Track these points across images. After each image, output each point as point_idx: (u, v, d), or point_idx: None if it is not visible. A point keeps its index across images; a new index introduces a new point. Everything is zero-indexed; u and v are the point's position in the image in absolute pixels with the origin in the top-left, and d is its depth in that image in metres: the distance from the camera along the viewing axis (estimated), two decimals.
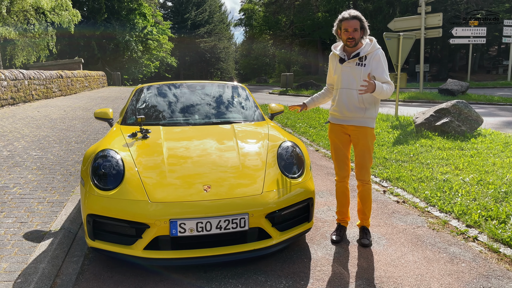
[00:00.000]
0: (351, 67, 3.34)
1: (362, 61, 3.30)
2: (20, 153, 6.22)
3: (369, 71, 3.26)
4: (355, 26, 3.22)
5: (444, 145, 6.78)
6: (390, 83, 3.28)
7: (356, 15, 3.24)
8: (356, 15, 3.25)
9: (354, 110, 3.36)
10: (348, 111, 3.39)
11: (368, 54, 3.30)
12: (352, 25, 3.22)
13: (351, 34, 3.24)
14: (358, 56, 3.30)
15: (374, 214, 4.21)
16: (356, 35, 3.25)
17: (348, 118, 3.42)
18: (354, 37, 3.25)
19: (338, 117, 3.50)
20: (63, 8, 21.55)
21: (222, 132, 3.87)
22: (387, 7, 35.02)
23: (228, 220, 2.84)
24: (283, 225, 3.13)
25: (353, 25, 3.22)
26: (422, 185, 4.90)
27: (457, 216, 4.02)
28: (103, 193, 2.97)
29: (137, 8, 40.23)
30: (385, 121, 9.45)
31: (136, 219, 2.81)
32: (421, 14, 15.86)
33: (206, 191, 2.95)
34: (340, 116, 3.47)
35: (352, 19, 3.23)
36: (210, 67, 67.16)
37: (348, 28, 3.23)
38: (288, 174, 3.28)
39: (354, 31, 3.23)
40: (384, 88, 3.22)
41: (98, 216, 2.92)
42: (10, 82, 11.98)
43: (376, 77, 3.28)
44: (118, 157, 3.21)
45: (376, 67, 3.28)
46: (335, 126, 3.55)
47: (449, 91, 16.11)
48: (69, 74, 17.78)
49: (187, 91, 4.66)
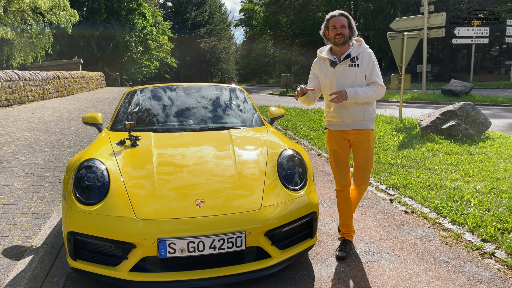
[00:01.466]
0: (344, 69, 3.19)
1: (355, 61, 3.17)
2: (8, 158, 5.94)
3: (363, 70, 3.16)
4: (343, 23, 3.12)
5: (452, 149, 6.50)
6: (378, 84, 3.16)
7: (343, 13, 3.17)
8: (343, 12, 3.17)
9: (354, 113, 3.22)
10: (348, 115, 3.23)
11: (359, 54, 3.18)
12: (340, 21, 3.12)
13: (339, 30, 3.11)
14: (350, 57, 3.17)
15: (382, 226, 3.93)
16: (345, 31, 3.14)
17: (349, 122, 3.26)
18: (343, 33, 3.13)
19: (337, 123, 3.31)
20: (61, 8, 21.27)
21: (218, 138, 3.59)
22: (388, 7, 34.74)
23: (223, 239, 2.56)
24: (284, 243, 2.85)
25: (341, 21, 3.12)
26: (431, 194, 4.62)
27: (471, 229, 3.74)
28: (86, 208, 2.69)
29: (137, 8, 39.97)
30: (389, 123, 9.16)
31: (121, 238, 2.53)
32: (424, 14, 15.58)
33: (199, 206, 2.67)
34: (340, 122, 3.29)
35: (340, 16, 3.14)
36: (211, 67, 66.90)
37: (336, 24, 3.12)
38: (289, 186, 3.00)
39: (342, 27, 3.13)
40: (361, 93, 3.09)
41: (79, 234, 2.64)
42: (4, 83, 11.70)
43: (366, 76, 3.17)
44: (103, 168, 2.93)
45: (367, 67, 3.17)
46: (335, 132, 3.35)
47: (453, 92, 15.83)
48: (66, 75, 17.51)
49: (182, 94, 4.38)
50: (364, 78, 3.16)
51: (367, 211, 4.32)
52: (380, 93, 3.17)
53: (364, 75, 3.16)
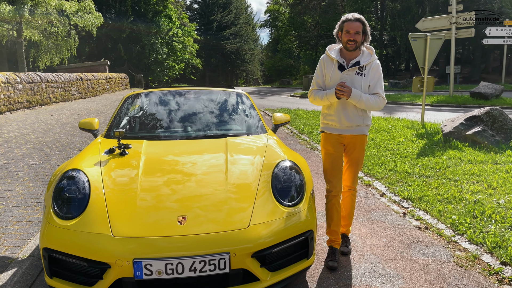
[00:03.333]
0: (350, 75, 3.11)
1: (362, 71, 3.10)
2: (16, 162, 5.92)
3: (368, 81, 3.09)
4: (358, 29, 3.05)
5: (476, 157, 6.08)
6: (381, 96, 3.14)
7: (360, 18, 3.08)
8: (359, 18, 3.12)
9: (353, 119, 3.17)
10: (347, 121, 3.18)
11: (368, 64, 3.12)
12: (354, 27, 3.04)
13: (353, 36, 3.05)
14: (359, 65, 3.08)
15: (391, 243, 3.63)
16: (358, 38, 3.05)
17: (347, 127, 3.21)
18: (355, 40, 3.05)
19: (336, 127, 3.23)
20: (86, 11, 21.66)
21: (213, 147, 3.38)
22: (416, 6, 33.81)
23: (205, 261, 2.34)
24: (275, 265, 2.60)
25: (355, 27, 3.04)
26: (448, 208, 4.27)
27: (489, 250, 3.40)
28: (62, 223, 2.52)
29: (163, 10, 40.40)
30: (410, 128, 8.74)
31: (95, 257, 2.35)
32: (452, 13, 14.96)
33: (181, 223, 2.47)
34: (339, 126, 3.22)
35: (355, 21, 3.06)
36: (236, 68, 67.00)
37: (350, 30, 3.05)
38: (283, 201, 2.76)
39: (355, 34, 3.04)
40: (364, 98, 3.05)
41: (54, 251, 2.47)
42: (26, 85, 11.88)
43: (370, 86, 3.12)
44: (85, 179, 2.77)
45: (373, 78, 3.13)
46: (331, 136, 3.27)
47: (482, 95, 15.12)
48: (89, 77, 17.73)
49: (181, 100, 4.19)
50: (368, 88, 3.10)
51: (376, 226, 4.03)
52: (380, 105, 3.14)
53: (368, 85, 3.12)
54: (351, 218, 3.49)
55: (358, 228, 3.98)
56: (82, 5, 21.26)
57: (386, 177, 5.50)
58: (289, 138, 8.98)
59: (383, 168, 5.92)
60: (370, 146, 7.34)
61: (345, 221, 3.47)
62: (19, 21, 19.11)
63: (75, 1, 21.11)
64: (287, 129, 10.21)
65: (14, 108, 11.09)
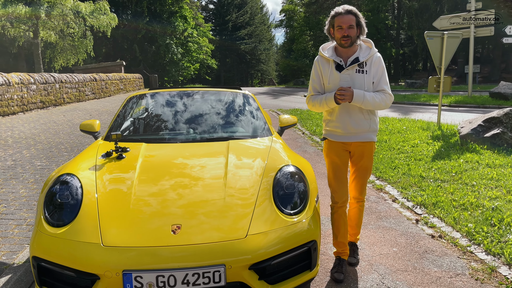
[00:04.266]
0: (350, 75, 2.83)
1: (363, 67, 2.81)
2: (23, 163, 5.89)
3: (371, 77, 2.82)
4: (350, 23, 2.75)
5: (494, 161, 5.81)
6: (387, 92, 2.86)
7: (351, 10, 2.78)
8: (351, 9, 2.78)
9: (359, 124, 2.91)
10: (353, 127, 2.91)
11: (368, 59, 2.83)
12: (346, 21, 2.74)
13: (346, 31, 2.75)
14: (358, 62, 2.81)
15: (402, 253, 3.44)
16: (352, 32, 2.76)
17: (352, 134, 2.94)
18: (349, 35, 2.75)
19: (340, 133, 2.97)
20: (101, 12, 21.81)
21: (214, 151, 3.24)
22: (434, 4, 33.20)
23: (198, 273, 2.20)
24: (275, 277, 2.45)
25: (348, 21, 2.74)
26: (464, 215, 4.05)
27: (507, 261, 3.18)
28: (52, 230, 2.42)
29: (178, 11, 40.55)
30: (426, 130, 8.46)
31: (84, 268, 2.23)
32: (471, 11, 14.56)
33: (175, 232, 2.33)
34: (343, 133, 2.95)
35: (347, 14, 2.76)
36: (251, 68, 66.98)
37: (342, 25, 2.75)
38: (284, 209, 2.60)
39: (349, 28, 2.74)
40: (368, 98, 2.77)
41: (43, 260, 2.37)
42: (40, 85, 11.97)
43: (374, 83, 2.85)
44: (79, 185, 2.66)
45: (376, 73, 2.85)
46: (336, 143, 3.01)
47: (502, 95, 14.67)
48: (103, 77, 17.83)
49: (183, 101, 4.07)
50: (372, 85, 2.83)
51: (387, 234, 3.83)
52: (388, 102, 2.86)
53: (372, 82, 2.84)
54: (359, 227, 3.27)
55: (367, 235, 3.79)
56: (98, 6, 21.43)
57: (399, 181, 5.29)
58: (300, 139, 8.80)
59: (396, 171, 5.70)
60: (383, 148, 7.11)
61: (352, 230, 3.26)
62: (36, 22, 19.36)
63: (90, 2, 21.29)
64: (299, 130, 10.03)
65: (27, 109, 11.17)
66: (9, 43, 23.27)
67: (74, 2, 20.02)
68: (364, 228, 3.90)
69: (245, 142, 3.45)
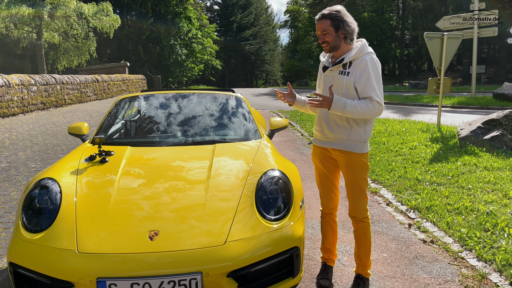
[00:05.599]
0: (334, 76, 2.68)
1: (346, 69, 2.62)
2: (18, 165, 5.89)
3: (352, 81, 2.59)
4: (324, 28, 2.59)
5: (492, 164, 5.72)
6: (374, 100, 2.54)
7: (326, 14, 2.59)
8: (326, 13, 2.59)
9: (336, 130, 2.70)
10: (329, 131, 2.73)
11: (354, 60, 2.60)
12: (320, 27, 2.61)
13: (321, 38, 2.62)
14: (342, 62, 2.63)
15: (392, 259, 3.37)
16: (328, 37, 2.60)
17: (331, 140, 2.76)
18: (326, 41, 2.61)
19: (320, 138, 2.85)
20: (104, 14, 21.84)
21: (199, 155, 3.19)
22: (438, 5, 32.98)
23: (174, 281, 2.16)
24: (255, 285, 2.40)
25: (321, 26, 2.61)
26: (458, 219, 3.98)
27: (499, 268, 3.11)
28: (29, 236, 2.39)
29: (183, 12, 40.60)
30: (425, 132, 8.37)
31: (58, 275, 2.19)
32: (474, 11, 14.44)
33: (152, 239, 2.29)
34: (322, 137, 2.82)
35: (320, 20, 2.61)
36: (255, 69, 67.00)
37: (317, 32, 2.64)
38: (267, 215, 2.55)
39: (323, 34, 2.61)
40: (349, 107, 2.50)
41: (19, 267, 2.33)
42: (41, 87, 12.00)
43: (358, 89, 2.58)
44: (58, 190, 2.63)
45: (360, 77, 2.57)
46: (318, 149, 2.89)
47: (505, 96, 14.52)
48: (105, 78, 17.87)
49: (172, 104, 4.03)
50: (354, 90, 2.60)
51: (378, 238, 3.77)
52: (375, 111, 2.54)
53: (353, 86, 2.59)
54: (363, 255, 2.82)
55: None
56: (100, 7, 21.48)
57: (395, 184, 5.22)
58: (298, 141, 8.74)
59: (392, 174, 5.63)
60: (381, 150, 7.04)
61: (356, 259, 2.88)
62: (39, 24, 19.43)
63: (93, 4, 21.35)
64: (298, 131, 9.97)
65: (27, 110, 11.20)
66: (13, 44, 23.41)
67: (77, 3, 20.07)
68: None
69: (231, 145, 3.40)
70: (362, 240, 2.82)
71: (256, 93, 29.04)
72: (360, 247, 2.83)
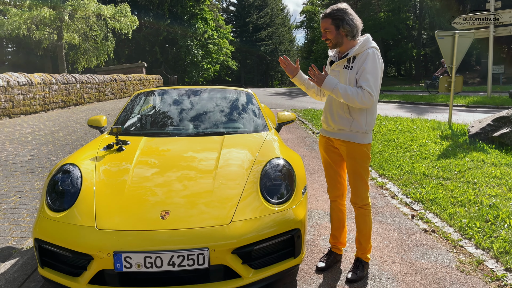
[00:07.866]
0: (339, 70, 2.87)
1: (350, 63, 2.80)
2: (41, 158, 6.20)
3: (355, 74, 2.76)
4: (325, 26, 2.78)
5: (500, 160, 5.79)
6: (365, 89, 2.67)
7: (328, 13, 2.76)
8: (327, 12, 2.76)
9: (339, 121, 2.88)
10: (333, 122, 2.93)
11: (358, 54, 2.77)
12: (322, 25, 2.79)
13: (324, 36, 2.82)
14: (346, 56, 2.81)
15: (392, 246, 3.52)
16: (329, 35, 2.79)
17: (334, 130, 2.96)
18: (328, 38, 2.81)
19: (325, 128, 3.07)
20: (123, 15, 22.33)
21: (209, 145, 3.41)
22: (456, 4, 32.62)
23: (183, 255, 2.36)
24: (258, 262, 2.59)
25: (323, 25, 2.79)
26: (460, 211, 4.09)
27: (496, 255, 3.23)
28: (53, 215, 2.63)
29: (199, 13, 41.06)
30: (436, 129, 8.43)
31: (79, 249, 2.43)
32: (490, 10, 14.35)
33: (164, 217, 2.51)
34: (327, 128, 3.03)
35: (323, 18, 2.79)
36: (271, 70, 67.16)
37: (321, 29, 2.81)
38: (270, 199, 2.74)
39: (326, 32, 2.79)
40: (340, 89, 2.69)
41: (44, 242, 2.58)
42: (61, 86, 12.41)
43: (356, 80, 2.76)
44: (79, 174, 2.87)
45: (359, 69, 2.75)
46: (323, 138, 3.11)
47: None
48: (123, 78, 18.28)
49: (185, 98, 4.26)
50: (355, 82, 2.76)
51: (380, 228, 3.92)
52: (364, 99, 2.66)
53: (355, 79, 2.76)
54: (363, 240, 3.01)
55: None
56: (119, 8, 21.97)
57: (401, 179, 5.34)
58: (309, 138, 8.89)
59: (400, 169, 5.75)
60: (390, 147, 7.14)
61: (357, 243, 3.07)
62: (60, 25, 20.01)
63: (112, 5, 21.85)
64: (309, 129, 10.12)
65: (49, 108, 11.61)
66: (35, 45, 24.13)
67: (96, 5, 20.59)
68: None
69: (240, 137, 3.60)
70: (362, 225, 3.01)
71: (271, 92, 29.20)
72: (360, 233, 3.02)
